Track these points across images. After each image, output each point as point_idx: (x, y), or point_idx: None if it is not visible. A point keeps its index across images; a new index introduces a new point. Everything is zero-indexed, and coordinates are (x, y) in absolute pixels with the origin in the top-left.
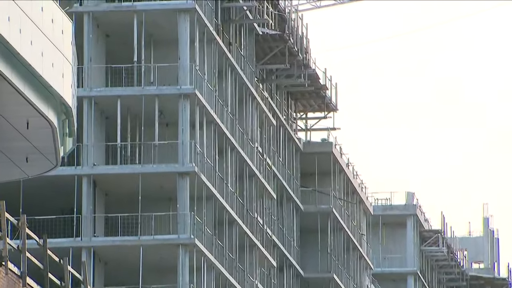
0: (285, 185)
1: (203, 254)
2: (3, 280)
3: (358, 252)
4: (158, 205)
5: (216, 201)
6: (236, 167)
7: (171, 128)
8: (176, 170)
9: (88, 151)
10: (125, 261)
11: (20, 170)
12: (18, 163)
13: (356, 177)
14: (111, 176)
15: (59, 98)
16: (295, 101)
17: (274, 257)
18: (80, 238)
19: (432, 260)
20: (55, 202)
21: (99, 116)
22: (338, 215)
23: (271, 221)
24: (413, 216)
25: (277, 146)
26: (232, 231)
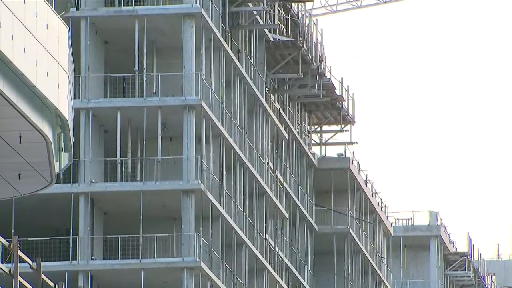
0: (298, 204)
1: (209, 278)
2: None
3: (377, 276)
4: (161, 226)
5: (223, 221)
6: (246, 185)
7: (175, 142)
8: (181, 188)
9: (86, 167)
10: (126, 286)
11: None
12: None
13: (375, 195)
14: (110, 194)
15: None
16: (309, 113)
17: (286, 282)
18: (76, 261)
19: (458, 286)
20: (50, 222)
21: (98, 130)
22: (356, 236)
23: (283, 242)
24: (437, 237)
25: (290, 162)
26: (241, 254)
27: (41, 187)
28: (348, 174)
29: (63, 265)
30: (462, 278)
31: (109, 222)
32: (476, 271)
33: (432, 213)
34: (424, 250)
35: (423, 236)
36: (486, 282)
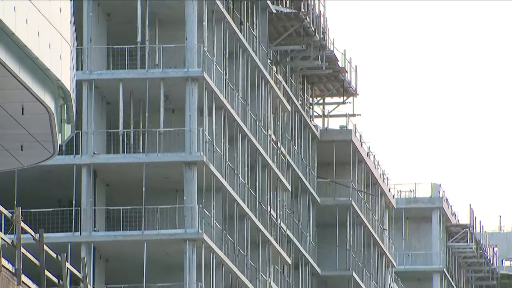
0: (300, 176)
1: (211, 250)
2: None
3: (380, 248)
4: (164, 197)
5: (226, 193)
6: (248, 157)
7: (177, 114)
8: (183, 160)
9: (88, 139)
10: (128, 257)
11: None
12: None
13: (378, 167)
14: (113, 165)
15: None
16: (311, 85)
17: (288, 254)
18: (79, 233)
19: (460, 257)
20: (52, 194)
21: (100, 101)
22: (358, 208)
23: (285, 215)
24: (439, 209)
25: (292, 134)
26: (243, 226)
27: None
28: (351, 146)
29: (65, 237)
30: (464, 250)
31: (112, 193)
32: (478, 243)
33: (434, 185)
34: (426, 222)
35: (425, 208)
36: (488, 254)
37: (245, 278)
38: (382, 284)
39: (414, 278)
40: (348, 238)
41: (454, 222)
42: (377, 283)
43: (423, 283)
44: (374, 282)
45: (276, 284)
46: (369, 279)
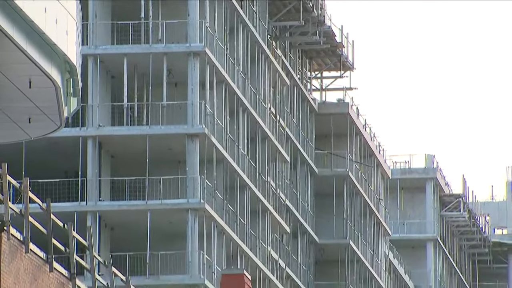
0: (299, 148)
1: (213, 219)
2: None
3: (375, 217)
4: (167, 168)
5: (227, 164)
6: (248, 129)
7: (180, 87)
8: (185, 132)
9: (94, 112)
10: (132, 226)
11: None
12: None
13: (374, 139)
14: (117, 137)
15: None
16: (309, 60)
17: (287, 223)
18: (85, 202)
19: (453, 226)
20: (59, 165)
21: (105, 75)
22: (355, 179)
23: (284, 185)
24: (433, 179)
25: (291, 107)
26: (244, 196)
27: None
28: (347, 119)
29: (72, 206)
30: (457, 218)
31: (116, 164)
32: (470, 212)
33: (429, 156)
34: (420, 192)
35: (420, 179)
36: (480, 222)
37: (245, 246)
38: (378, 251)
39: (408, 246)
40: (345, 208)
41: (448, 192)
42: (373, 251)
43: (417, 251)
44: (370, 250)
45: (275, 252)
46: (365, 247)
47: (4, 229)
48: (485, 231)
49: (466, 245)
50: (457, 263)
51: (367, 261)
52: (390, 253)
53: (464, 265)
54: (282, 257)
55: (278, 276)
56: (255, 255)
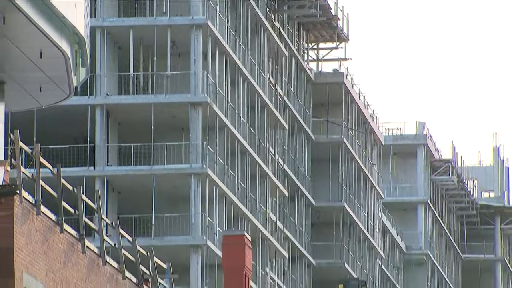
0: (296, 116)
1: (215, 183)
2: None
3: (369, 181)
4: (171, 135)
5: (228, 131)
6: (248, 98)
7: (183, 58)
8: (188, 100)
9: (101, 81)
10: (138, 190)
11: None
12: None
13: (367, 107)
14: (124, 106)
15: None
16: (306, 32)
17: (285, 187)
18: (93, 167)
19: (442, 189)
20: (69, 132)
21: (112, 47)
22: (349, 145)
23: (282, 151)
24: (423, 145)
25: (289, 77)
26: (244, 161)
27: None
28: (342, 88)
29: (81, 171)
30: (446, 182)
31: (123, 131)
32: (459, 176)
33: (419, 124)
34: (411, 157)
35: (411, 145)
36: (468, 186)
37: (246, 209)
38: (371, 214)
39: (400, 209)
40: (340, 172)
41: (437, 157)
42: (367, 213)
43: (408, 213)
44: (364, 212)
45: (274, 214)
46: (359, 210)
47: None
48: (473, 194)
49: (455, 207)
50: (446, 224)
51: (361, 223)
52: (382, 215)
53: (453, 226)
54: (281, 219)
55: (276, 237)
56: (255, 217)
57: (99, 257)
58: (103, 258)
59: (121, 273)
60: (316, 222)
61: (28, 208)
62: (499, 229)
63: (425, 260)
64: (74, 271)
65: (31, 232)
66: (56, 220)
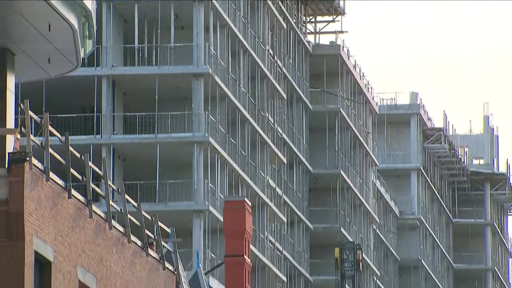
0: (295, 86)
1: (216, 151)
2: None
3: (364, 149)
4: (174, 105)
5: (229, 101)
6: (248, 69)
7: (186, 31)
8: (191, 71)
9: (107, 53)
10: (143, 157)
11: (43, 71)
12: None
13: (363, 78)
14: (129, 76)
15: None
16: (304, 5)
17: (284, 154)
18: (100, 136)
19: (435, 157)
20: (76, 101)
21: (118, 20)
22: (345, 114)
23: (281, 120)
24: (416, 115)
25: (287, 49)
26: (245, 130)
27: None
28: (339, 60)
29: (88, 139)
30: (438, 150)
31: (129, 101)
32: (450, 144)
33: (413, 94)
34: (405, 126)
35: (405, 114)
36: (459, 154)
37: (246, 175)
38: (366, 180)
39: (394, 175)
40: (336, 141)
41: (430, 126)
42: (362, 180)
43: (402, 180)
44: (359, 179)
45: (273, 181)
46: (355, 176)
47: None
48: (463, 161)
49: (447, 174)
50: (438, 190)
51: (357, 189)
52: (377, 181)
53: (445, 192)
54: (279, 185)
55: (275, 202)
56: (255, 184)
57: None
58: (110, 222)
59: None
60: (313, 188)
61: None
62: (489, 195)
63: (418, 224)
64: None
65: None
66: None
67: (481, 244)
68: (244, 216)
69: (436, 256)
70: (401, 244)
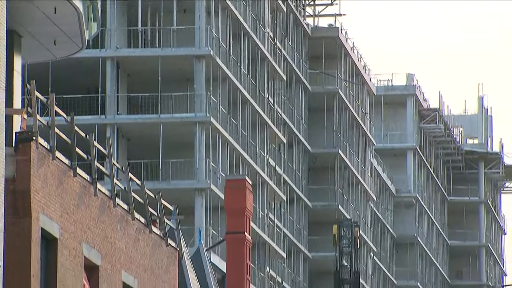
0: (294, 68)
1: (218, 131)
2: (34, 154)
3: (362, 129)
4: (177, 86)
5: (230, 82)
6: (249, 51)
7: (188, 14)
8: (193, 53)
9: (112, 35)
10: (146, 137)
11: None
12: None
13: (360, 60)
14: (133, 58)
15: None
16: None
17: (283, 134)
18: (104, 116)
19: (430, 136)
20: (81, 82)
21: (122, 3)
22: (344, 95)
23: (281, 101)
24: (412, 95)
25: (287, 31)
26: (245, 110)
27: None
28: (337, 42)
29: (93, 119)
30: (434, 130)
31: (132, 82)
32: (445, 124)
33: (409, 75)
34: (401, 106)
35: (401, 95)
36: (454, 133)
37: (247, 155)
38: (364, 159)
39: (390, 155)
40: (334, 121)
41: (426, 107)
42: (359, 159)
43: (398, 159)
44: (357, 158)
45: (273, 160)
46: (353, 156)
47: (33, 139)
48: (458, 141)
49: (442, 153)
50: (433, 169)
51: (354, 168)
52: (374, 160)
53: (440, 171)
54: (279, 164)
55: (275, 181)
56: (255, 163)
57: (110, 199)
58: (114, 200)
59: (130, 214)
60: (312, 167)
61: (43, 153)
62: (483, 173)
63: (414, 202)
64: (87, 212)
65: (46, 176)
66: (70, 165)
67: (475, 221)
68: (245, 194)
69: (432, 233)
70: (397, 222)
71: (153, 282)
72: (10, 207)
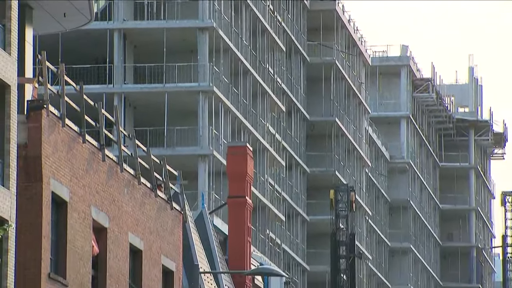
0: (293, 40)
1: (220, 100)
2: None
3: (357, 98)
4: (181, 57)
5: (232, 53)
6: (250, 23)
7: None
8: (197, 26)
9: (119, 8)
10: (152, 105)
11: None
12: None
13: (357, 32)
14: (140, 30)
15: None
16: None
17: (283, 103)
18: (112, 85)
19: (423, 105)
20: (90, 53)
21: None
22: (340, 66)
23: (280, 71)
24: (406, 66)
25: (287, 4)
26: (246, 80)
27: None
28: (335, 15)
29: (101, 88)
30: (426, 99)
31: (139, 53)
32: (438, 94)
33: (403, 47)
34: (396, 77)
35: (395, 65)
36: (446, 102)
37: (248, 123)
38: (359, 127)
39: (385, 123)
40: (332, 90)
41: (419, 77)
42: (355, 127)
43: (392, 127)
44: (353, 126)
45: (273, 128)
46: (349, 123)
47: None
48: (450, 109)
49: (434, 121)
50: (426, 136)
51: (350, 135)
52: (369, 128)
53: (432, 138)
54: (279, 132)
55: (275, 148)
56: (256, 130)
57: (117, 164)
58: (121, 165)
59: (137, 179)
60: (310, 134)
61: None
62: (473, 141)
63: (407, 168)
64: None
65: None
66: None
67: (466, 186)
68: (246, 160)
69: (424, 197)
70: (391, 186)
71: (158, 243)
72: (22, 172)
